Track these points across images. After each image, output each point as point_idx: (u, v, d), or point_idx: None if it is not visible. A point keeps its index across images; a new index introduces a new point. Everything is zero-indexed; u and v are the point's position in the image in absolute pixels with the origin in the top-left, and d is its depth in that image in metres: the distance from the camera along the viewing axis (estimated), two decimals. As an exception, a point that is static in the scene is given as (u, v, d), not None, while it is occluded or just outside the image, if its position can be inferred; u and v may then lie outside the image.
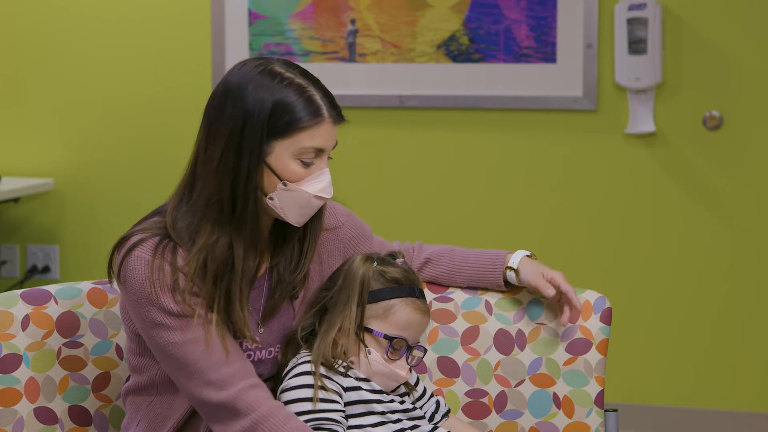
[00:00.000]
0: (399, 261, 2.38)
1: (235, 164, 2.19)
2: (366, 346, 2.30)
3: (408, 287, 2.34)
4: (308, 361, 2.29)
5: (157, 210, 2.31)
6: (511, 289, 2.56)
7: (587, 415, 2.50)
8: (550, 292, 2.46)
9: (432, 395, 2.45)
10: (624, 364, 4.27)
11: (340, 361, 2.29)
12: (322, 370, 2.26)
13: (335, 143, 2.27)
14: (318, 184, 2.22)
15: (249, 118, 2.19)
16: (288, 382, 2.27)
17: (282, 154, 2.20)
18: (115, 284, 2.26)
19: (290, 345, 2.34)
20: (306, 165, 2.21)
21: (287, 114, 2.19)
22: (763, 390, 4.23)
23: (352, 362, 2.30)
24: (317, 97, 2.23)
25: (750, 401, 4.24)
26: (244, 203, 2.21)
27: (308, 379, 2.26)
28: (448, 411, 2.46)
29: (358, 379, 2.29)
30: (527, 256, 2.56)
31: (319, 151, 2.22)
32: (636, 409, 4.29)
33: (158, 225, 2.25)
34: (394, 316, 2.31)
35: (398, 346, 2.31)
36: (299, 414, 2.23)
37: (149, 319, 2.20)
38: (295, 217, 2.24)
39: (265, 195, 2.22)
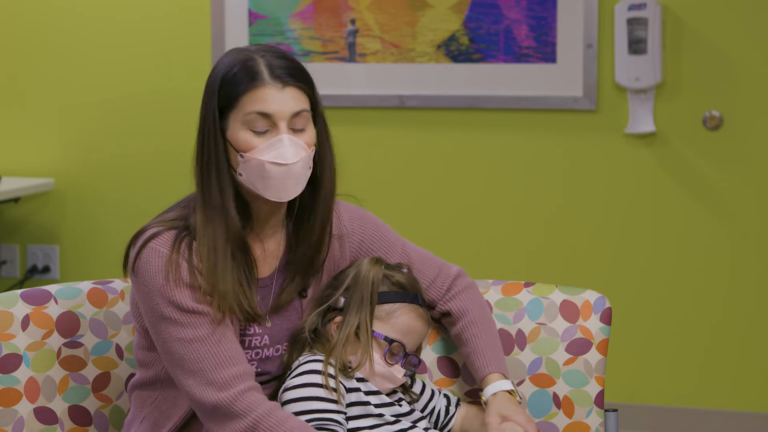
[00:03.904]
0: (404, 270, 2.39)
1: (206, 147, 2.24)
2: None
3: (412, 294, 2.35)
4: (316, 360, 2.29)
5: (176, 204, 2.33)
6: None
7: (587, 415, 2.50)
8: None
9: (439, 391, 2.46)
10: (624, 364, 4.27)
11: (351, 361, 2.30)
12: (330, 370, 2.27)
13: (295, 111, 2.23)
14: (272, 151, 2.21)
15: (208, 98, 2.25)
16: (292, 381, 2.27)
17: (234, 125, 2.23)
18: (129, 277, 2.28)
19: (296, 344, 2.34)
20: (258, 133, 2.21)
21: (230, 84, 2.22)
22: (763, 390, 4.23)
23: (350, 361, 2.31)
24: (259, 63, 2.22)
25: (750, 401, 4.24)
26: (222, 184, 2.23)
27: (315, 378, 2.26)
28: (458, 400, 2.47)
29: (357, 380, 2.30)
30: (508, 391, 2.37)
31: (265, 116, 2.21)
32: (636, 409, 4.29)
33: (174, 218, 2.27)
34: (397, 320, 2.32)
35: (396, 351, 2.32)
36: (303, 413, 2.23)
37: (158, 312, 2.21)
38: (266, 189, 2.22)
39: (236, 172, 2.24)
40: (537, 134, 4.34)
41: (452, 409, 2.44)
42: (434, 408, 2.44)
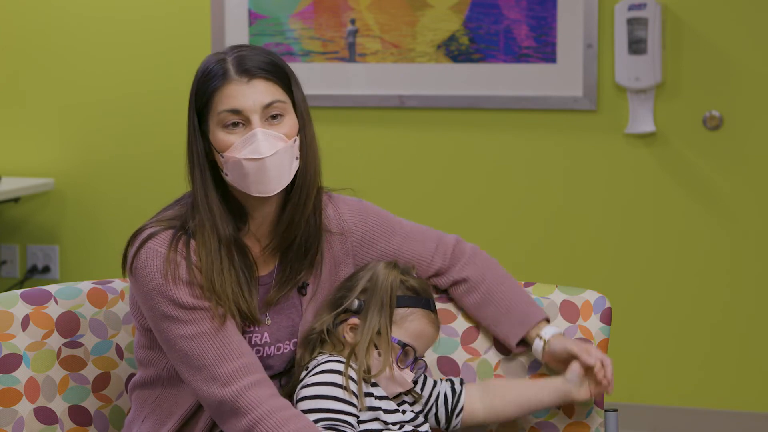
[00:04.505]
0: (414, 274, 2.40)
1: (189, 151, 2.27)
2: (377, 348, 2.30)
3: (425, 299, 2.36)
4: (337, 360, 2.28)
5: (173, 203, 2.33)
6: (521, 352, 2.50)
7: (587, 415, 2.50)
8: (592, 360, 2.35)
9: (441, 380, 2.46)
10: (624, 364, 4.26)
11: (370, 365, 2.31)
12: (351, 373, 2.26)
13: (265, 103, 2.23)
14: (247, 147, 2.22)
15: (189, 103, 2.27)
16: (311, 378, 2.27)
17: (212, 127, 2.24)
18: (128, 277, 2.28)
19: (308, 344, 2.34)
20: (234, 132, 2.22)
21: (202, 87, 2.25)
22: (763, 390, 4.23)
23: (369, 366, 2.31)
24: (227, 62, 2.24)
25: (750, 401, 4.24)
26: (206, 188, 2.25)
27: (335, 378, 2.26)
28: (462, 380, 2.47)
29: (371, 384, 2.30)
30: (561, 333, 2.45)
31: (236, 113, 2.22)
32: (636, 409, 4.29)
33: (171, 217, 2.27)
34: (410, 324, 2.33)
35: (408, 355, 2.32)
36: (317, 411, 2.23)
37: (159, 311, 2.21)
38: (248, 186, 2.24)
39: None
40: (537, 134, 4.34)
41: (458, 387, 2.44)
42: (439, 393, 2.43)
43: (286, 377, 2.36)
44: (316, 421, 2.21)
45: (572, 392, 2.39)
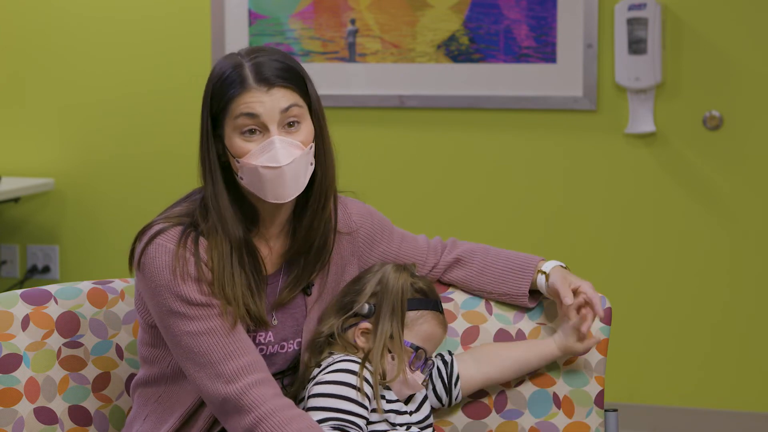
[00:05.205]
0: (418, 273, 2.40)
1: (203, 154, 2.27)
2: (390, 352, 2.30)
3: (433, 300, 2.37)
4: (352, 360, 2.28)
5: (182, 199, 2.33)
6: (532, 300, 2.53)
7: (587, 415, 2.50)
8: (567, 300, 2.41)
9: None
10: (624, 364, 4.27)
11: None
12: (367, 375, 2.26)
13: (283, 107, 2.22)
14: (265, 154, 2.21)
15: (203, 106, 2.27)
16: (326, 376, 2.27)
17: (229, 132, 2.24)
18: (134, 273, 2.28)
19: (314, 348, 2.34)
20: (251, 139, 2.22)
21: (219, 92, 2.24)
22: (763, 390, 4.23)
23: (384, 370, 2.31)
24: (245, 68, 2.23)
25: (750, 401, 4.24)
26: (217, 191, 2.25)
27: (350, 378, 2.25)
28: (450, 352, 2.47)
29: (384, 388, 2.30)
30: (561, 266, 2.51)
31: (254, 120, 2.21)
32: (636, 409, 4.29)
33: (181, 214, 2.27)
34: (421, 327, 2.33)
35: (420, 357, 2.32)
36: (328, 409, 2.23)
37: (166, 307, 2.21)
38: (265, 192, 2.24)
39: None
40: (537, 134, 4.34)
41: (448, 357, 2.45)
42: (432, 366, 2.44)
43: (289, 377, 2.36)
44: (326, 420, 2.22)
45: (556, 353, 2.46)
